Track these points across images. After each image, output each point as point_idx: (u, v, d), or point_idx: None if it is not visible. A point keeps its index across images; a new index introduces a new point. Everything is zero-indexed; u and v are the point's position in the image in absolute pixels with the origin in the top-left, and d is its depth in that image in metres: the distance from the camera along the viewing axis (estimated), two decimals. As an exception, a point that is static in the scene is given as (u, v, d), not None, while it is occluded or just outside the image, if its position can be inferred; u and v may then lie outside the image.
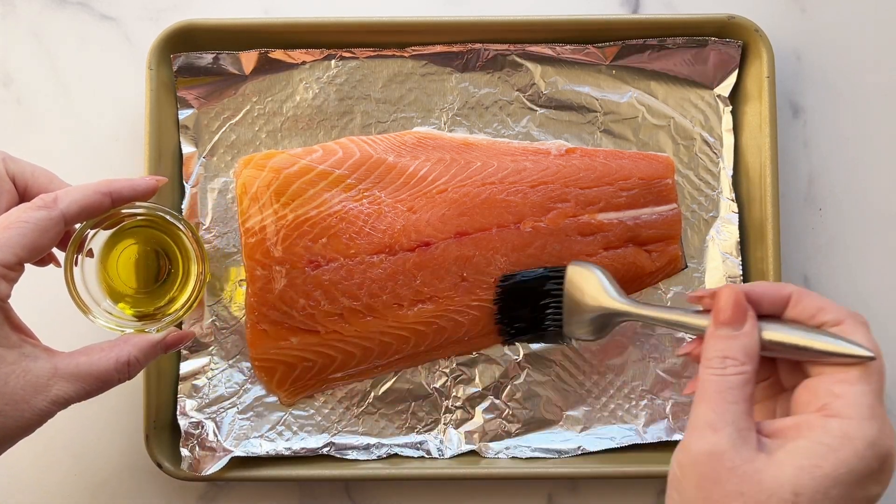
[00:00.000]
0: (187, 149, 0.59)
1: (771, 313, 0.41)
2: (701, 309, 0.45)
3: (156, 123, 0.57)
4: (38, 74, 0.62)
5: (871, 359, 0.37)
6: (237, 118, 0.60)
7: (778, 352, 0.40)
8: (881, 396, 0.37)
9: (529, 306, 0.55)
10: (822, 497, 0.34)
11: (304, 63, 0.59)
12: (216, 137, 0.59)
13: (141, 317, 0.52)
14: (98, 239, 0.50)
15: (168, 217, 0.51)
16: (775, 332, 0.40)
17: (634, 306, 0.50)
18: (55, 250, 0.50)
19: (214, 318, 0.58)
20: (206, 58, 0.59)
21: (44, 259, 0.50)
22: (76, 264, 0.48)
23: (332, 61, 0.60)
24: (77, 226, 0.47)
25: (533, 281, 0.55)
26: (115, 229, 0.51)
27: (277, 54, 0.59)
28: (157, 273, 0.53)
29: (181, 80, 0.59)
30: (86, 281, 0.49)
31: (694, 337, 0.46)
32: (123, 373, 0.45)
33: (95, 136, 0.62)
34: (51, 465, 0.60)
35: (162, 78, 0.58)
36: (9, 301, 0.42)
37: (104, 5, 0.63)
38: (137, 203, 0.49)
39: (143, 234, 0.52)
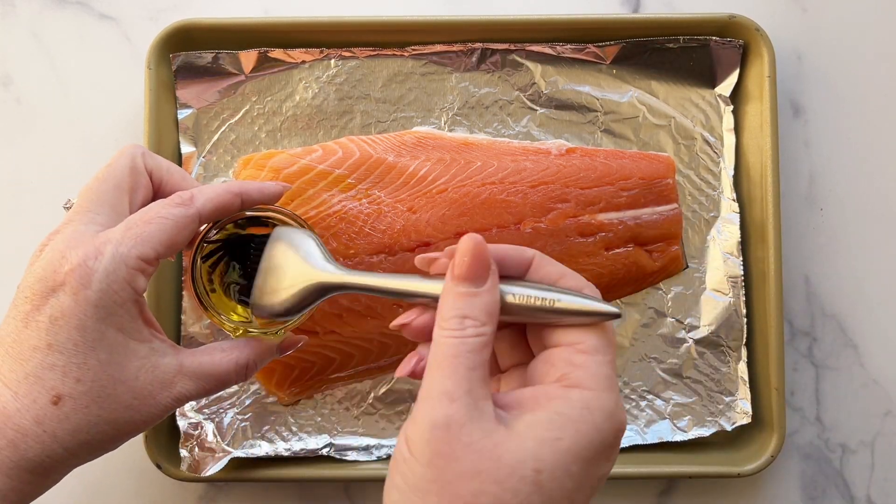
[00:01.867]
0: (186, 148, 0.59)
1: (513, 275, 0.38)
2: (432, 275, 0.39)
3: (155, 123, 0.57)
4: (37, 74, 0.62)
5: (618, 315, 0.35)
6: (236, 118, 0.59)
7: (520, 314, 0.36)
8: (615, 367, 0.35)
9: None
10: (563, 473, 0.31)
11: (303, 62, 0.59)
12: (215, 137, 0.59)
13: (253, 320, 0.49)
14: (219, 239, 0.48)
15: (290, 220, 0.48)
16: (520, 290, 0.36)
17: (351, 276, 0.42)
18: None
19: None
20: (206, 57, 0.59)
21: None
22: (200, 263, 0.47)
23: (332, 61, 0.59)
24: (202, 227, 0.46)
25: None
26: (236, 232, 0.49)
27: (277, 54, 0.59)
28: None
29: (180, 80, 0.59)
30: (204, 282, 0.48)
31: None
32: (241, 375, 0.45)
33: (95, 135, 0.62)
34: (50, 466, 0.60)
35: (161, 77, 0.58)
36: (143, 295, 0.42)
37: (103, 5, 0.63)
38: (262, 207, 0.48)
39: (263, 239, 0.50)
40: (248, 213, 0.48)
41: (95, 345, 0.39)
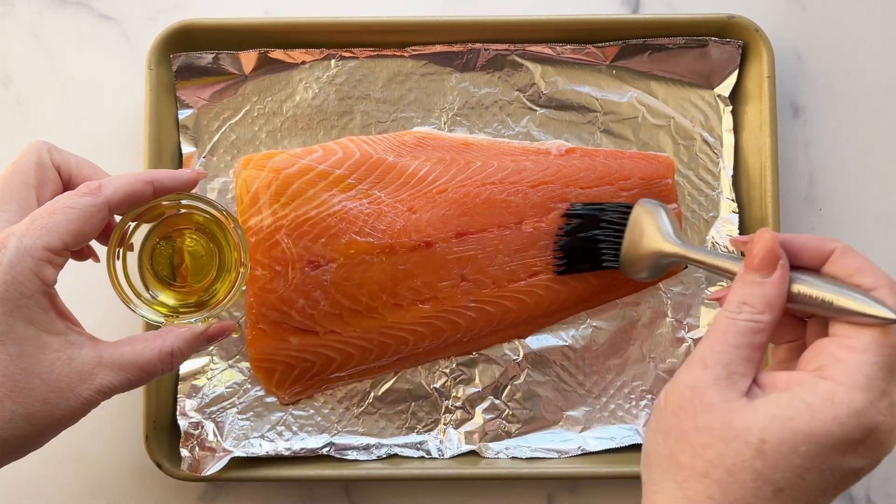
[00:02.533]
0: (187, 149, 0.59)
1: (809, 266, 0.40)
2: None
3: (155, 123, 0.57)
4: (37, 74, 0.62)
5: (893, 321, 0.35)
6: (237, 118, 0.60)
7: (803, 304, 0.39)
8: (889, 371, 0.35)
9: (589, 239, 0.55)
10: (789, 450, 0.34)
11: (303, 63, 0.59)
12: (216, 137, 0.59)
13: (183, 308, 0.51)
14: (139, 232, 0.49)
15: (209, 207, 0.50)
16: (803, 285, 0.39)
17: (683, 248, 0.49)
18: (96, 246, 0.50)
19: (214, 318, 0.58)
20: (206, 58, 0.59)
21: (83, 253, 0.49)
22: (118, 257, 0.47)
23: (332, 61, 0.60)
24: (118, 218, 0.47)
25: (598, 212, 0.55)
26: (156, 222, 0.50)
27: (277, 54, 0.59)
28: (199, 264, 0.52)
29: (181, 80, 0.59)
30: (128, 273, 0.48)
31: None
32: (167, 363, 0.45)
33: (95, 136, 0.62)
34: (51, 466, 0.60)
35: (161, 78, 0.58)
36: (54, 287, 0.42)
37: (104, 5, 0.63)
38: (178, 194, 0.48)
39: (185, 226, 0.52)
40: (165, 202, 0.48)
41: (4, 338, 0.39)
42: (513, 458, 0.57)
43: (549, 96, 0.60)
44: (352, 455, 0.57)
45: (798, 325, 0.42)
